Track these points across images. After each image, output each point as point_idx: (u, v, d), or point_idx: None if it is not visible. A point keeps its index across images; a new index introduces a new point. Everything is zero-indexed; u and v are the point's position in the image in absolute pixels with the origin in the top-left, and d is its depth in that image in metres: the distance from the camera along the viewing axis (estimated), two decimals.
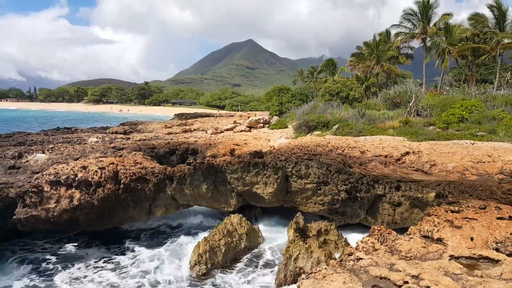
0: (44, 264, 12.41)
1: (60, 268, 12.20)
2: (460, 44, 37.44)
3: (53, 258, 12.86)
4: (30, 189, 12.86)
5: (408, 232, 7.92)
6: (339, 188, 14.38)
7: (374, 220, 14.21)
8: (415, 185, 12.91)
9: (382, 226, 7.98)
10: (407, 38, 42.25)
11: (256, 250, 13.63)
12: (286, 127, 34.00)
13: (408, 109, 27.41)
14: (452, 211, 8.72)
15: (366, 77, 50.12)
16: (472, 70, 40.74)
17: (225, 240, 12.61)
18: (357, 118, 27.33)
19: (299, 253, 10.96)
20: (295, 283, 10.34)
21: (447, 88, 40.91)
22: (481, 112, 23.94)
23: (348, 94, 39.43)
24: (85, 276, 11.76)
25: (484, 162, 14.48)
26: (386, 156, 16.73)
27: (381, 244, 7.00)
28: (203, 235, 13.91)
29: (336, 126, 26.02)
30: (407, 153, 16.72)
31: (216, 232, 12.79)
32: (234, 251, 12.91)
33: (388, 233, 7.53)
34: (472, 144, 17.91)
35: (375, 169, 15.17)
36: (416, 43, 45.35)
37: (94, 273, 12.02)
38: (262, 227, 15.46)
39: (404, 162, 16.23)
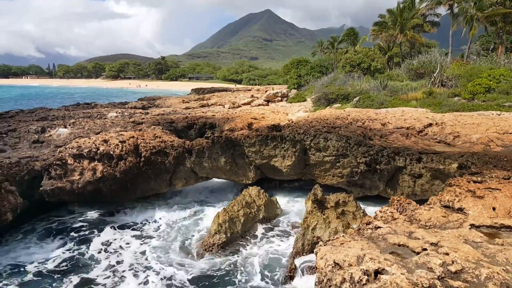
0: (74, 233, 12.96)
1: (92, 236, 12.79)
2: (490, 9, 35.33)
3: (83, 227, 13.41)
4: (54, 162, 13.33)
5: (428, 202, 7.83)
6: (358, 161, 14.25)
7: (393, 192, 14.10)
8: (437, 156, 12.64)
9: (401, 197, 7.90)
10: (433, 4, 40.21)
11: (274, 221, 13.86)
12: (305, 100, 33.53)
13: (432, 79, 26.45)
14: (475, 182, 8.52)
15: (389, 47, 48.31)
16: (501, 38, 38.53)
17: (243, 211, 12.84)
18: (379, 89, 26.66)
19: (316, 223, 11.06)
20: (312, 252, 10.50)
21: (474, 58, 38.95)
22: (509, 81, 22.83)
23: (369, 65, 38.24)
24: (115, 239, 12.46)
25: (510, 133, 13.97)
26: (408, 128, 16.38)
27: (400, 214, 6.96)
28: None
29: (357, 98, 25.47)
30: (430, 124, 16.32)
31: (235, 203, 13.02)
32: (253, 221, 13.16)
33: (408, 203, 7.45)
34: (499, 115, 17.26)
35: (396, 141, 14.89)
36: (442, 10, 43.12)
37: (123, 237, 12.71)
38: (280, 199, 15.62)
39: (426, 134, 15.87)
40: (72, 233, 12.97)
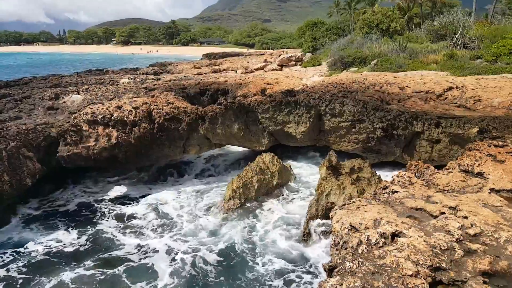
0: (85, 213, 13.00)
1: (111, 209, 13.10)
2: None
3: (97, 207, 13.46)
4: (69, 128, 13.46)
5: (447, 167, 7.66)
6: (375, 126, 13.98)
7: (410, 158, 13.89)
8: (456, 121, 12.28)
9: (419, 161, 7.74)
10: None
11: (287, 187, 13.94)
12: (320, 64, 32.58)
13: (453, 41, 25.22)
14: (496, 146, 8.27)
15: (408, 7, 45.78)
16: None
17: (257, 177, 12.92)
18: (398, 52, 25.64)
19: (331, 189, 11.05)
20: (326, 217, 10.58)
21: (499, 17, 36.67)
22: None
23: (388, 26, 36.58)
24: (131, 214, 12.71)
25: None
26: (427, 92, 15.86)
27: (418, 178, 6.84)
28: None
29: (374, 61, 24.60)
30: (450, 88, 15.76)
31: (248, 169, 13.08)
32: (267, 188, 13.26)
33: (426, 168, 7.31)
34: None
35: (415, 105, 14.49)
36: None
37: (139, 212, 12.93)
38: (294, 165, 15.61)
39: (446, 98, 15.36)
40: (83, 213, 12.89)
